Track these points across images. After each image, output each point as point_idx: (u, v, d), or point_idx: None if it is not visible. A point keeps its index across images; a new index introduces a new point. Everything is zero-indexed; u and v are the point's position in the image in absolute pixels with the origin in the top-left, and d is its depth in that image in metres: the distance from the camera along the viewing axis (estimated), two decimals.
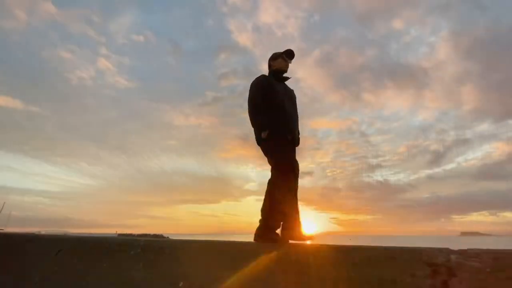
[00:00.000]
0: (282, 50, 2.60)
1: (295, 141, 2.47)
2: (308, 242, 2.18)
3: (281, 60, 2.61)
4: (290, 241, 2.18)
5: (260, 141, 2.35)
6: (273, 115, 2.34)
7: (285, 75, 2.67)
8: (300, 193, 2.37)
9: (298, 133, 2.56)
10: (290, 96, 2.59)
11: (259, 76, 2.58)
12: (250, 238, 2.25)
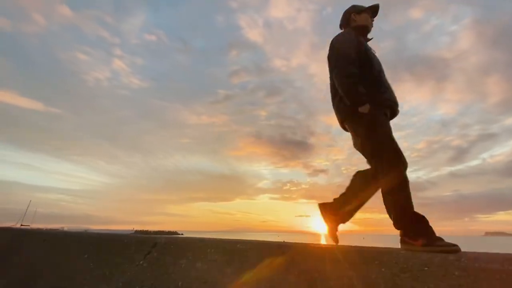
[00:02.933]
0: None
1: (394, 115, 1.89)
2: None
3: (367, 15, 2.08)
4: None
5: (351, 114, 1.76)
6: (369, 84, 1.76)
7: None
8: (314, 191, 2.06)
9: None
10: (379, 61, 1.94)
11: (346, 31, 2.01)
12: (263, 235, 1.97)
